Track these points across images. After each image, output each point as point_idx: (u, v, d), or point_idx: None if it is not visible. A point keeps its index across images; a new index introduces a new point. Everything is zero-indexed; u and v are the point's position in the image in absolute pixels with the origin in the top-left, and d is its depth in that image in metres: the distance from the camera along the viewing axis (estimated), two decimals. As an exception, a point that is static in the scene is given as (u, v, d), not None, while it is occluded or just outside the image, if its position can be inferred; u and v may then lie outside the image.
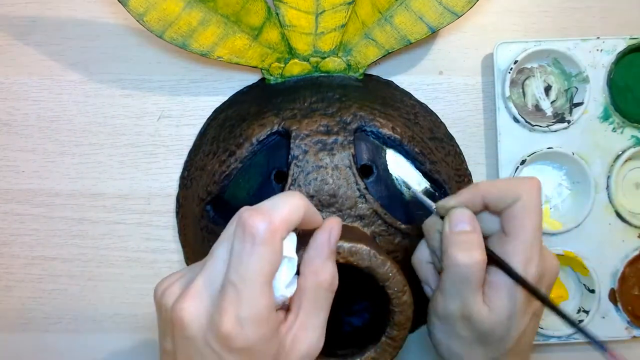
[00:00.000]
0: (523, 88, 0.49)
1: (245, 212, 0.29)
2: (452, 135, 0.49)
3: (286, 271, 0.31)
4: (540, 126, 0.47)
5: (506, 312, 0.35)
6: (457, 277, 0.36)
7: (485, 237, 0.37)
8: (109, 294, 0.50)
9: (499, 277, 0.36)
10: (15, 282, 0.50)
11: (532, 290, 0.35)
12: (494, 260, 0.36)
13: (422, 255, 0.40)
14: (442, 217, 0.38)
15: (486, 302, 0.36)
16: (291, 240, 0.32)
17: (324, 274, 0.32)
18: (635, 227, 0.48)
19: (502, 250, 0.36)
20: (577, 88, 0.48)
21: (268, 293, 0.29)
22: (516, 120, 0.48)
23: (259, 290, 0.29)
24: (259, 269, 0.29)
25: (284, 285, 0.31)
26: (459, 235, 0.36)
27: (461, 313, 0.36)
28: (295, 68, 0.47)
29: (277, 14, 0.44)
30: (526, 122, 0.47)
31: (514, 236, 0.36)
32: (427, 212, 0.40)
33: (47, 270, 0.50)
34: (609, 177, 0.48)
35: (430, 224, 0.39)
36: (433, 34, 0.45)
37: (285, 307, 0.32)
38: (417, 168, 0.44)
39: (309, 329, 0.32)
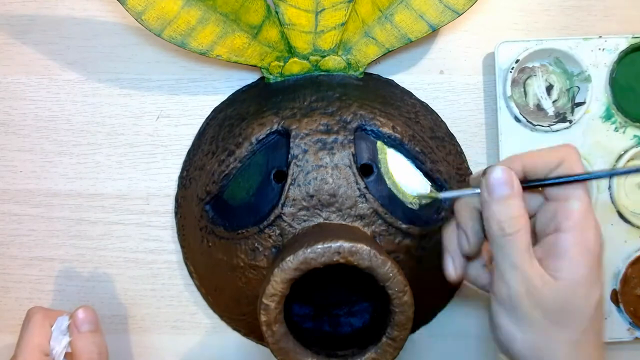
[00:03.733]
0: (524, 87, 0.49)
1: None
2: (453, 134, 0.49)
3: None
4: (542, 126, 0.47)
5: (576, 277, 0.33)
6: (507, 245, 0.33)
7: (531, 217, 0.35)
8: (107, 295, 0.49)
9: (559, 242, 0.34)
10: (13, 283, 0.50)
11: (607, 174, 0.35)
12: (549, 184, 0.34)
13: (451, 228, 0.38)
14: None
15: (552, 273, 0.33)
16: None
17: None
18: (638, 227, 0.48)
19: (557, 219, 0.34)
20: (579, 87, 0.48)
21: None
22: (517, 119, 0.47)
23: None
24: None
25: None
26: (500, 201, 0.34)
27: (525, 288, 0.33)
28: (295, 67, 0.46)
29: (277, 13, 0.44)
30: (528, 121, 0.47)
31: (566, 198, 0.34)
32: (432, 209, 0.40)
33: (45, 271, 0.50)
34: (610, 177, 0.48)
35: (463, 203, 0.37)
36: (434, 32, 0.45)
37: None
38: (418, 167, 0.44)
39: None
